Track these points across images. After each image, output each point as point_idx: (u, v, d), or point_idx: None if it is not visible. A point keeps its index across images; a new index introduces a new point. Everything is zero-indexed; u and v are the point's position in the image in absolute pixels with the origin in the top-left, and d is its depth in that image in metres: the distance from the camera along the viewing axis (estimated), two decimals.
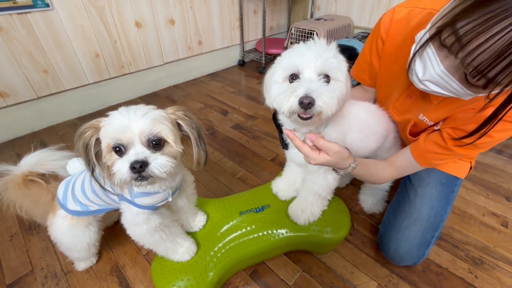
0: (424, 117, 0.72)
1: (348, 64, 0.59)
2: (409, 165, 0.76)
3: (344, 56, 0.58)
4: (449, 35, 0.44)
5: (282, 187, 0.96)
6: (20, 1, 1.36)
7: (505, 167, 1.36)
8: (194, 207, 0.89)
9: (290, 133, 0.60)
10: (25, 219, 0.79)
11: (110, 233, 1.02)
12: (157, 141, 0.54)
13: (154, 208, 0.69)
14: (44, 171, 0.77)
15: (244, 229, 0.85)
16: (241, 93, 2.14)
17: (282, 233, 0.85)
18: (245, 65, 2.68)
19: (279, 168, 1.35)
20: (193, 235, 0.86)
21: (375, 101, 0.91)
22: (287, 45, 2.48)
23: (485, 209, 1.13)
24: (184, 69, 2.28)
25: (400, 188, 0.94)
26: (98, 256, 0.95)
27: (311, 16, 2.81)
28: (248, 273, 0.91)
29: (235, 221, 0.87)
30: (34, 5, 1.40)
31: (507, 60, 0.39)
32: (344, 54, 0.58)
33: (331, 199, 0.87)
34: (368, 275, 0.90)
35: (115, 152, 0.53)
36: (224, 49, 2.51)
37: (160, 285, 0.75)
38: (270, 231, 0.85)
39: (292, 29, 2.34)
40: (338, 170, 0.66)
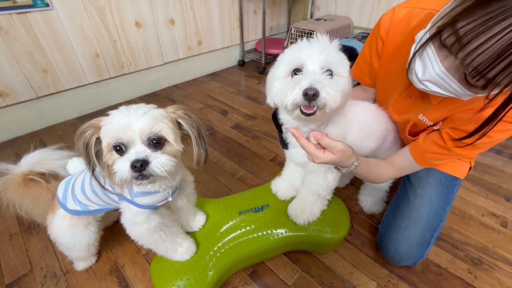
0: (423, 117, 0.72)
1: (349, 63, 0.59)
2: (408, 164, 0.76)
3: None
4: (449, 35, 0.44)
5: (282, 187, 0.96)
6: (19, 0, 1.36)
7: (504, 167, 1.36)
8: (194, 207, 0.89)
9: (295, 131, 0.58)
10: (25, 218, 0.79)
11: (110, 233, 1.02)
12: (157, 140, 0.54)
13: (154, 207, 0.69)
14: (44, 171, 0.77)
15: (243, 229, 0.85)
16: (241, 93, 2.14)
17: (282, 233, 0.85)
18: (245, 65, 2.68)
19: (279, 168, 1.35)
20: (192, 235, 0.86)
21: (375, 101, 0.91)
22: (287, 45, 2.49)
23: (484, 209, 1.13)
24: (184, 69, 2.29)
25: (399, 188, 0.94)
26: (98, 256, 0.95)
27: (311, 16, 2.81)
28: (248, 273, 0.91)
29: (234, 221, 0.87)
30: (34, 4, 1.40)
31: (507, 60, 0.39)
32: (344, 54, 0.58)
33: (330, 199, 0.87)
34: (367, 275, 0.90)
35: (115, 151, 0.53)
36: (224, 49, 2.51)
37: (159, 284, 0.75)
38: (269, 231, 0.85)
39: (292, 29, 2.34)
40: (341, 168, 0.65)
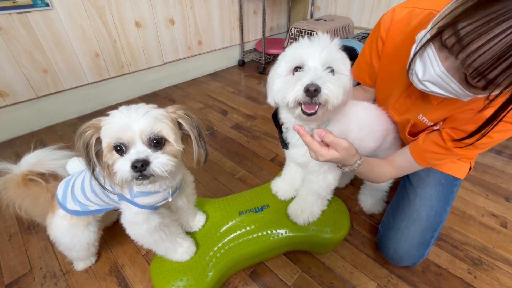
0: (423, 117, 0.72)
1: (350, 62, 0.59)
2: (408, 164, 0.76)
3: None
4: (450, 35, 0.44)
5: (282, 187, 0.96)
6: (19, 0, 1.35)
7: (504, 167, 1.36)
8: (194, 207, 0.89)
9: (300, 128, 0.57)
10: (24, 218, 0.79)
11: (109, 233, 1.02)
12: (158, 140, 0.54)
13: (154, 207, 0.68)
14: (44, 171, 0.76)
15: (243, 229, 0.85)
16: (241, 93, 2.14)
17: (282, 233, 0.85)
18: (245, 65, 2.68)
19: (279, 168, 1.35)
20: (192, 235, 0.86)
21: (375, 101, 0.91)
22: (287, 45, 2.49)
23: (484, 209, 1.13)
24: (184, 69, 2.28)
25: (399, 188, 0.94)
26: (97, 256, 0.94)
27: (311, 17, 2.81)
28: (248, 273, 0.91)
29: (234, 221, 0.87)
30: (34, 4, 1.40)
31: (508, 61, 0.39)
32: (344, 53, 0.58)
33: (330, 199, 0.87)
34: (367, 276, 0.90)
35: (116, 151, 0.53)
36: (224, 49, 2.51)
37: (159, 285, 0.75)
38: (269, 231, 0.85)
39: (292, 29, 2.34)
40: (344, 167, 0.65)
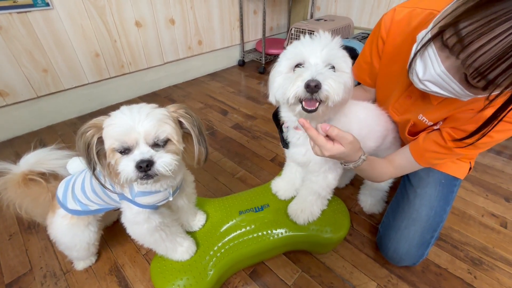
0: (423, 117, 0.72)
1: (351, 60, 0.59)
2: (408, 163, 0.76)
3: None
4: (451, 35, 0.44)
5: (282, 186, 0.96)
6: (20, 0, 1.35)
7: (504, 168, 1.36)
8: (194, 207, 0.89)
9: (305, 122, 0.56)
10: (25, 218, 0.79)
11: (110, 232, 1.02)
12: (161, 141, 0.54)
13: (155, 207, 0.68)
14: (44, 170, 0.76)
15: (243, 229, 0.85)
16: (241, 93, 2.14)
17: (282, 233, 0.85)
18: (245, 65, 2.68)
19: (279, 168, 1.35)
20: (192, 234, 0.86)
21: (375, 101, 0.91)
22: (287, 45, 2.48)
23: (484, 209, 1.14)
24: (184, 69, 2.28)
25: (399, 188, 0.95)
26: (97, 256, 0.94)
27: (311, 17, 2.81)
28: (248, 273, 0.91)
29: (234, 220, 0.87)
30: (34, 4, 1.40)
31: (508, 62, 0.39)
32: (345, 51, 0.58)
33: (330, 199, 0.87)
34: (367, 275, 0.90)
35: (119, 151, 0.53)
36: (224, 49, 2.51)
37: (159, 284, 0.75)
38: (269, 231, 0.85)
39: (292, 29, 2.34)
40: (348, 163, 0.64)
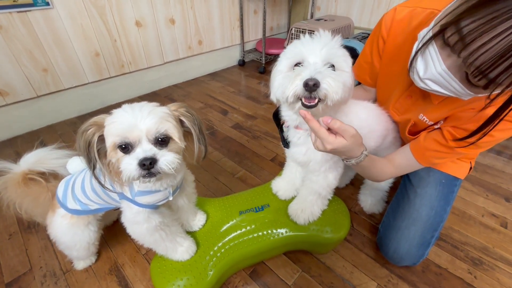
0: (424, 116, 0.72)
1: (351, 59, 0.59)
2: (408, 163, 0.76)
3: None
4: (452, 33, 0.44)
5: (282, 186, 0.95)
6: None
7: (504, 168, 1.36)
8: (194, 207, 0.89)
9: (307, 113, 0.55)
10: (24, 218, 0.78)
11: (110, 232, 1.02)
12: (163, 139, 0.55)
13: (155, 207, 0.68)
14: (44, 170, 0.76)
15: (243, 229, 0.85)
16: (241, 93, 2.14)
17: (282, 233, 0.85)
18: (245, 65, 2.68)
19: (279, 168, 1.35)
20: (192, 234, 0.86)
21: (375, 101, 0.91)
22: (287, 45, 2.48)
23: (484, 209, 1.13)
24: (184, 69, 2.28)
25: (399, 188, 0.94)
26: (97, 255, 0.94)
27: (311, 17, 2.81)
28: (248, 272, 0.91)
29: (234, 220, 0.87)
30: (34, 3, 1.40)
31: (509, 61, 0.39)
32: (346, 50, 0.58)
33: (331, 198, 0.87)
34: (367, 275, 0.90)
35: (120, 149, 0.53)
36: (224, 49, 2.51)
37: (159, 284, 0.75)
38: (269, 231, 0.85)
39: (292, 29, 2.34)
40: (350, 159, 0.64)
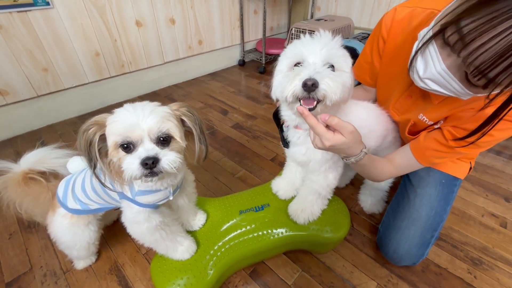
0: (423, 116, 0.72)
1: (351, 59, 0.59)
2: (408, 162, 0.76)
3: None
4: (452, 33, 0.44)
5: (282, 186, 0.96)
6: None
7: (504, 168, 1.36)
8: (194, 206, 0.89)
9: (304, 110, 0.55)
10: (25, 218, 0.78)
11: (110, 232, 1.02)
12: (165, 138, 0.55)
13: (155, 206, 0.68)
14: (44, 169, 0.76)
15: (244, 228, 0.85)
16: (241, 93, 2.14)
17: (282, 232, 0.85)
18: (245, 65, 2.68)
19: (279, 167, 1.35)
20: (193, 234, 0.86)
21: (375, 101, 0.91)
22: (287, 45, 2.48)
23: (484, 209, 1.14)
24: (184, 69, 2.28)
25: (399, 188, 0.95)
26: (98, 255, 0.94)
27: (312, 17, 2.81)
28: (248, 272, 0.91)
29: (235, 220, 0.87)
30: (35, 3, 1.40)
31: (508, 61, 0.39)
32: (346, 51, 0.58)
33: (330, 198, 0.87)
34: (367, 275, 0.90)
35: (122, 149, 0.53)
36: (224, 49, 2.51)
37: (159, 283, 0.75)
38: (269, 230, 0.85)
39: (292, 29, 2.34)
40: (349, 157, 0.63)
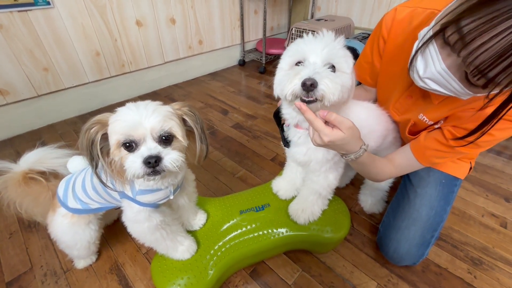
0: (423, 116, 0.72)
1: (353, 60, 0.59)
2: (408, 162, 0.76)
3: None
4: (452, 32, 0.44)
5: (282, 186, 0.96)
6: None
7: (504, 168, 1.36)
8: (195, 206, 0.89)
9: (302, 105, 0.55)
10: (25, 218, 0.78)
11: (110, 231, 1.02)
12: (167, 137, 0.55)
13: (156, 205, 0.69)
14: (44, 169, 0.76)
15: (244, 228, 0.85)
16: (241, 92, 2.14)
17: (282, 232, 0.85)
18: (245, 65, 2.68)
19: (279, 167, 1.35)
20: (193, 233, 0.86)
21: (376, 101, 0.91)
22: (287, 45, 2.49)
23: (484, 209, 1.14)
24: (184, 69, 2.28)
25: (399, 188, 0.95)
26: (98, 255, 0.94)
27: (312, 17, 2.81)
28: (248, 272, 0.91)
29: (235, 220, 0.87)
30: (35, 2, 1.40)
31: (508, 60, 0.39)
32: (348, 51, 0.58)
33: (331, 198, 0.87)
34: (367, 275, 0.90)
35: (124, 148, 0.53)
36: (224, 49, 2.51)
37: (160, 283, 0.75)
38: (270, 230, 0.85)
39: (292, 29, 2.34)
40: (348, 154, 0.63)
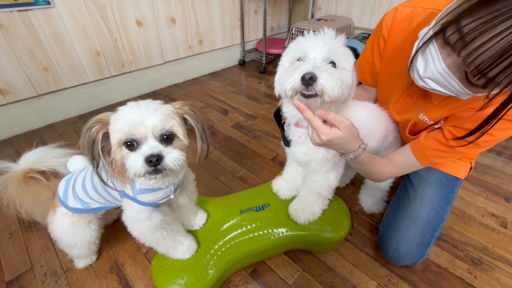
0: (424, 116, 0.72)
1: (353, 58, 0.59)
2: (408, 162, 0.76)
3: None
4: (453, 32, 0.44)
5: (283, 186, 0.96)
6: None
7: (504, 168, 1.36)
8: (195, 205, 0.89)
9: (301, 104, 0.56)
10: (25, 218, 0.78)
11: (110, 231, 1.02)
12: (168, 136, 0.55)
13: (156, 205, 0.69)
14: (45, 168, 0.76)
15: (244, 228, 0.85)
16: (241, 92, 2.14)
17: (282, 232, 0.85)
18: (245, 65, 2.68)
19: (279, 167, 1.35)
20: (193, 233, 0.86)
21: (376, 101, 0.91)
22: (287, 45, 2.49)
23: (484, 209, 1.14)
24: (184, 68, 2.28)
25: (400, 188, 0.95)
26: (98, 254, 0.94)
27: (312, 17, 2.81)
28: (248, 272, 0.91)
29: (235, 219, 0.87)
30: (35, 2, 1.40)
31: (508, 60, 0.39)
32: (348, 49, 0.58)
33: (331, 198, 0.87)
34: (367, 275, 0.90)
35: (126, 146, 0.54)
36: (224, 49, 2.51)
37: (160, 283, 0.75)
38: (270, 230, 0.85)
39: (292, 29, 2.34)
40: (347, 153, 0.63)
